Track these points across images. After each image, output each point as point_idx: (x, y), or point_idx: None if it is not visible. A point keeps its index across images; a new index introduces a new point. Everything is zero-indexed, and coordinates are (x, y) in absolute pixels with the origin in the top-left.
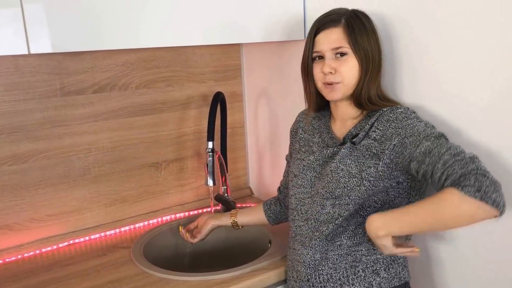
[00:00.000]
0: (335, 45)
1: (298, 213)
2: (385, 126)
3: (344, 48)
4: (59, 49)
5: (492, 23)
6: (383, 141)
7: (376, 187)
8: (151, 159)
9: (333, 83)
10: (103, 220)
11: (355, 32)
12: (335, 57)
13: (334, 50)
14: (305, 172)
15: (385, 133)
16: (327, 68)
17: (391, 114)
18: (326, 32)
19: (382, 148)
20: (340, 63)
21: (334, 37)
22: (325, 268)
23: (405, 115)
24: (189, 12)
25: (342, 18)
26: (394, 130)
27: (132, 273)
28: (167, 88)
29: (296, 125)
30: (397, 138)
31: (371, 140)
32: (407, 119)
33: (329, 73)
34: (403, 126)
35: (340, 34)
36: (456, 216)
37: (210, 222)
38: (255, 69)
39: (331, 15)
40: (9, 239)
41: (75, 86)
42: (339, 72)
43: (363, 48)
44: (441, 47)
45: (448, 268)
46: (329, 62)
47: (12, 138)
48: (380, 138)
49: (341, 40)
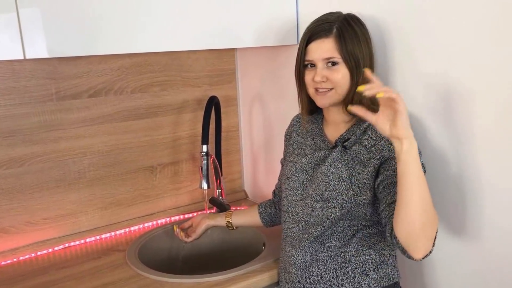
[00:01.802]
0: (326, 55)
1: (290, 215)
2: (378, 137)
3: (335, 58)
4: (55, 54)
5: (488, 29)
6: (373, 151)
7: (364, 195)
8: (146, 162)
9: (325, 90)
10: (98, 223)
11: (346, 42)
12: (326, 66)
13: (326, 60)
14: (297, 175)
15: (377, 143)
16: (318, 77)
17: None
18: (317, 42)
19: (369, 156)
20: (332, 71)
21: (326, 47)
22: (315, 270)
23: None
24: (183, 18)
25: (334, 27)
26: (386, 145)
27: (127, 275)
28: (162, 92)
29: (290, 128)
30: (388, 153)
31: (362, 147)
32: None
33: (320, 82)
34: None
35: (331, 44)
36: (431, 210)
37: (204, 222)
38: (249, 73)
39: (323, 24)
40: (5, 242)
41: (71, 90)
42: (331, 80)
43: (354, 57)
44: (434, 52)
45: (438, 269)
46: (321, 71)
47: (8, 142)
48: (370, 148)
49: (332, 50)
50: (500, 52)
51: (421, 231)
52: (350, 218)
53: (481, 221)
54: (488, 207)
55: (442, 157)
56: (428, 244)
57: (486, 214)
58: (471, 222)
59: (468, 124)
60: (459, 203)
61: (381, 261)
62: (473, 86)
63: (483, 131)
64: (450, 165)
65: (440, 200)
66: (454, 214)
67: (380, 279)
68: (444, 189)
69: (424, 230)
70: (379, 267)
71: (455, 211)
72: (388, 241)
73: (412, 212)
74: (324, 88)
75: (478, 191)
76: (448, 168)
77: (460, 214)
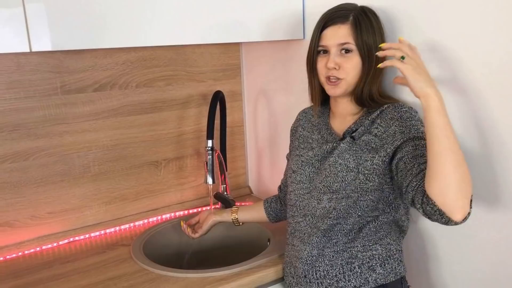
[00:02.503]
0: (342, 40)
1: (297, 209)
2: (388, 124)
3: (350, 44)
4: (60, 47)
5: (499, 20)
6: (385, 137)
7: (371, 182)
8: (151, 157)
9: (336, 79)
10: (103, 218)
11: (362, 30)
12: (340, 53)
13: (340, 46)
14: (303, 168)
15: (388, 130)
16: (331, 63)
17: (395, 112)
18: (333, 28)
19: (382, 143)
20: (345, 59)
21: (341, 33)
22: (322, 265)
23: (409, 114)
24: (189, 11)
25: (351, 15)
26: (398, 128)
27: (131, 270)
28: (167, 87)
29: (296, 123)
30: (401, 136)
31: (372, 136)
32: (411, 120)
33: (333, 69)
34: (407, 126)
35: (347, 30)
36: (468, 174)
37: (211, 218)
38: (254, 68)
39: (340, 11)
40: (10, 236)
41: (76, 84)
42: (343, 68)
43: (367, 46)
44: (445, 45)
45: (444, 264)
46: (334, 58)
47: (13, 136)
48: (381, 135)
49: (347, 36)
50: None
51: (458, 186)
52: (357, 212)
53: (489, 219)
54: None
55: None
56: (466, 203)
57: (492, 212)
58: (480, 221)
59: (480, 118)
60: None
61: (387, 256)
62: (486, 78)
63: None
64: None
65: None
66: None
67: (387, 274)
68: None
69: (460, 185)
70: (386, 262)
71: None
72: (421, 212)
73: (447, 164)
74: (336, 77)
75: (482, 187)
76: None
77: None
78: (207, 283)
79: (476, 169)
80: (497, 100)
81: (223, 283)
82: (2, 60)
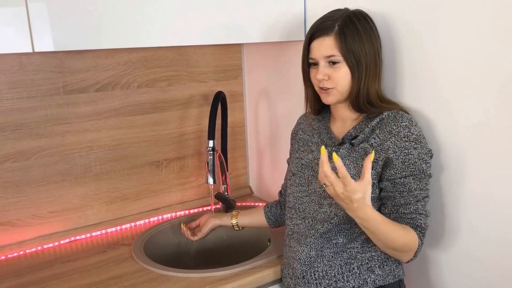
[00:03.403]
0: (327, 53)
1: (296, 211)
2: (385, 137)
3: (336, 56)
4: (63, 48)
5: (497, 24)
6: (379, 150)
7: (372, 193)
8: (152, 157)
9: (327, 88)
10: (104, 217)
11: (347, 40)
12: (328, 65)
13: (327, 58)
14: (303, 171)
15: (383, 144)
16: (320, 75)
17: (394, 126)
18: (319, 40)
19: (375, 157)
20: (333, 70)
21: (326, 45)
22: (320, 265)
23: (407, 132)
24: (190, 12)
25: (336, 25)
26: (392, 145)
27: (132, 269)
28: (168, 87)
29: (296, 127)
30: (392, 155)
31: (368, 146)
32: (406, 140)
33: (322, 80)
34: (400, 147)
35: (332, 42)
36: (399, 246)
37: (211, 222)
38: (256, 69)
39: (326, 21)
40: (11, 235)
41: (78, 84)
42: (332, 78)
43: (355, 54)
44: (443, 48)
45: (444, 268)
46: (323, 70)
47: (15, 135)
48: (377, 147)
49: (332, 48)
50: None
51: (387, 251)
52: None
53: (491, 224)
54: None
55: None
56: (406, 257)
57: (493, 214)
58: (482, 225)
59: (477, 125)
60: (463, 205)
61: (386, 258)
62: (484, 83)
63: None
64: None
65: (448, 200)
66: (458, 214)
67: (386, 275)
68: (449, 188)
69: (387, 251)
70: (385, 264)
71: (456, 212)
72: None
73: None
74: (326, 87)
75: (479, 192)
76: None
77: (464, 214)
78: (207, 283)
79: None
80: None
81: (224, 283)
82: (5, 60)
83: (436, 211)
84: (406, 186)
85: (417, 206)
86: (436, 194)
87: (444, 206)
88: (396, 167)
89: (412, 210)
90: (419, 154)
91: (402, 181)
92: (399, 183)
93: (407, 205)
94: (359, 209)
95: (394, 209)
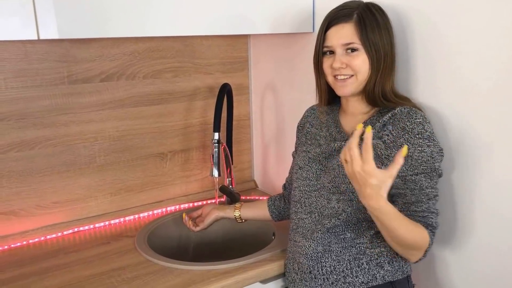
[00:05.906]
0: (346, 40)
1: (302, 205)
2: (399, 134)
3: (355, 44)
4: (67, 35)
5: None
6: (391, 147)
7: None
8: (157, 149)
9: (345, 77)
10: (108, 208)
11: (367, 28)
12: (345, 53)
13: (345, 45)
14: (310, 164)
15: (396, 140)
16: (337, 63)
17: (408, 122)
18: (337, 27)
19: (387, 153)
20: (351, 57)
21: (345, 32)
22: (328, 260)
23: (421, 129)
24: (196, 2)
25: (354, 13)
26: (405, 142)
27: (136, 261)
28: (174, 78)
29: (303, 120)
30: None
31: (380, 141)
32: (420, 137)
33: (340, 68)
34: (414, 143)
35: (351, 29)
36: (410, 243)
37: (214, 213)
38: (262, 61)
39: (343, 9)
40: (15, 225)
41: (83, 74)
42: (351, 66)
43: (374, 44)
44: (460, 39)
45: (452, 266)
46: (340, 58)
47: (20, 125)
48: (389, 143)
49: (352, 36)
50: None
51: (403, 253)
52: (367, 217)
53: (501, 225)
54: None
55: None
56: (415, 257)
57: (499, 215)
58: (490, 226)
59: (494, 125)
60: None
61: (395, 254)
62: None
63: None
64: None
65: (460, 199)
66: (467, 214)
67: (395, 271)
68: (461, 187)
69: (397, 249)
70: (394, 260)
71: (468, 211)
72: None
73: (389, 241)
74: (344, 74)
75: (490, 191)
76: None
77: (472, 214)
78: (211, 276)
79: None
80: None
81: (228, 276)
82: (10, 48)
83: (447, 210)
84: (418, 184)
85: (428, 204)
86: (448, 193)
87: (455, 205)
88: (408, 164)
89: (424, 208)
90: (432, 152)
91: (414, 178)
92: (410, 180)
93: (418, 203)
94: (372, 198)
95: (405, 206)
